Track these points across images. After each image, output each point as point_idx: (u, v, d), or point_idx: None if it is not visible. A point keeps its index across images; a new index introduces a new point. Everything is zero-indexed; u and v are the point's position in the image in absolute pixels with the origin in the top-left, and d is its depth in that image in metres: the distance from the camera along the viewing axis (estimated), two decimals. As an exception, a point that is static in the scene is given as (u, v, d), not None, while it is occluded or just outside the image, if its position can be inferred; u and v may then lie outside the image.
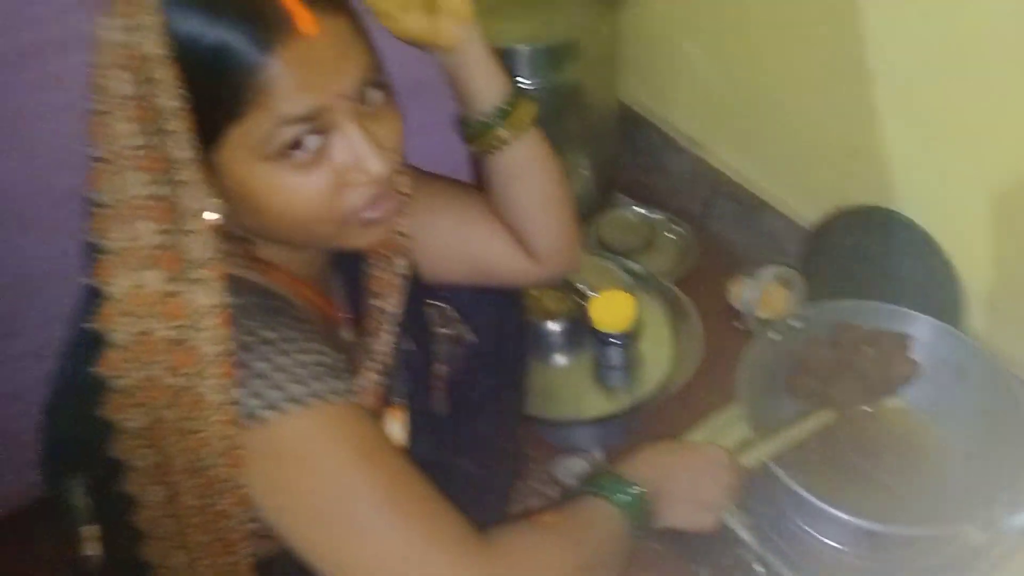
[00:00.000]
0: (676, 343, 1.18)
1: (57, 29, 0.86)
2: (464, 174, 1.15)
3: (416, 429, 0.75)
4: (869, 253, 1.18)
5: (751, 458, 0.83)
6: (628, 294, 1.12)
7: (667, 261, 1.43)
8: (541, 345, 1.20)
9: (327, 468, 0.57)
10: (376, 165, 0.59)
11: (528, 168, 0.78)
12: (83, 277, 0.59)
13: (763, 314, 1.17)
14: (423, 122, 0.80)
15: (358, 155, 0.59)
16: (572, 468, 1.14)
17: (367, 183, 0.60)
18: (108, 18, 0.55)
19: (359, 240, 0.65)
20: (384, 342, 0.70)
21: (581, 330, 1.17)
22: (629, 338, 1.13)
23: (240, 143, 0.57)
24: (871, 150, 1.16)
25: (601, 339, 1.13)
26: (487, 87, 0.73)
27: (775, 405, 0.96)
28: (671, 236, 1.48)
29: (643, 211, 1.50)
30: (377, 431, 0.62)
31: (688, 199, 1.54)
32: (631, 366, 1.16)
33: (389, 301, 0.71)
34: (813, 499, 0.82)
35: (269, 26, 0.54)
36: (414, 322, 0.78)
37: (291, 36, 0.55)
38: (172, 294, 0.56)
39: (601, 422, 1.14)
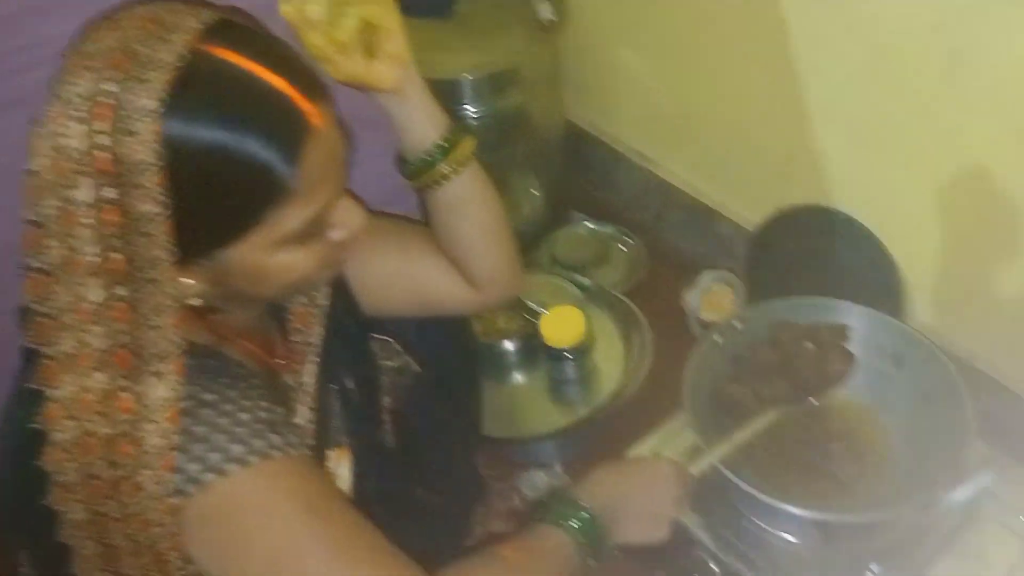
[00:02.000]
0: (628, 353, 1.20)
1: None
2: (408, 206, 1.17)
3: (364, 466, 0.77)
4: (811, 251, 1.21)
5: (700, 465, 0.84)
6: (577, 309, 1.15)
7: (621, 273, 1.45)
8: (497, 365, 1.22)
9: (272, 526, 0.58)
10: (361, 220, 0.64)
11: (468, 201, 0.80)
12: (27, 380, 0.60)
13: (712, 318, 1.19)
14: (367, 155, 0.83)
15: (348, 216, 0.64)
16: (536, 482, 1.15)
17: (349, 236, 0.65)
18: (78, 124, 0.54)
19: (322, 280, 0.69)
20: (310, 373, 0.72)
21: (535, 347, 1.19)
22: (581, 352, 1.15)
23: (262, 239, 0.59)
24: (807, 153, 1.20)
25: (553, 355, 1.15)
26: (427, 125, 0.75)
27: (720, 408, 0.98)
28: (624, 248, 1.51)
29: (595, 226, 1.52)
30: (322, 482, 0.63)
31: (640, 211, 1.57)
32: (585, 379, 1.19)
33: (312, 333, 0.73)
34: (763, 496, 0.84)
35: (288, 134, 0.57)
36: (357, 358, 0.80)
37: (306, 137, 0.58)
38: (121, 390, 0.57)
39: (559, 436, 1.16)
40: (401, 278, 0.82)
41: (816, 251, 1.21)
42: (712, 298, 1.23)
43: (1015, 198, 0.96)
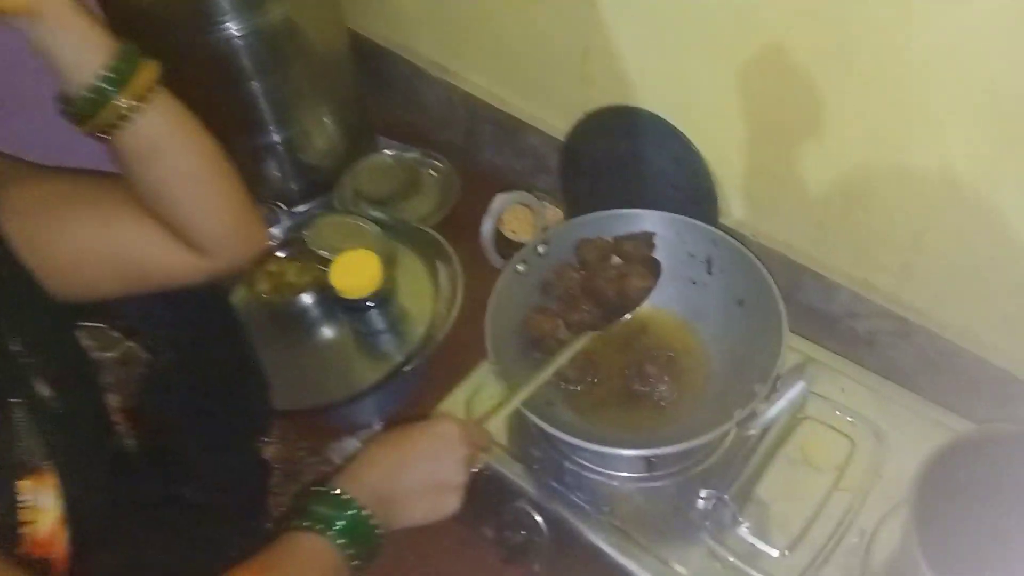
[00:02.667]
0: (437, 291, 1.09)
1: None
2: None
3: (81, 485, 0.62)
4: (620, 157, 1.12)
5: (498, 414, 0.74)
6: (369, 251, 1.01)
7: (433, 202, 1.33)
8: (295, 325, 1.08)
9: None
10: None
11: (164, 144, 0.64)
12: None
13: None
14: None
15: None
16: (347, 449, 1.04)
17: None
18: None
19: None
20: None
21: (334, 300, 1.06)
22: (383, 298, 1.03)
23: None
24: (604, 50, 1.09)
25: (351, 307, 1.02)
26: (83, 52, 0.59)
27: (530, 343, 0.89)
28: (434, 174, 1.38)
29: (400, 152, 1.38)
30: None
31: (448, 130, 1.44)
32: (394, 327, 1.06)
33: None
34: (573, 439, 0.76)
35: None
36: (54, 357, 0.64)
37: None
38: None
39: (376, 392, 1.04)
40: (100, 251, 0.66)
41: (626, 156, 1.12)
42: (517, 222, 1.13)
43: (812, 77, 0.89)
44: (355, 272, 1.00)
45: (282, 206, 1.28)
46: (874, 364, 1.02)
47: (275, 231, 1.14)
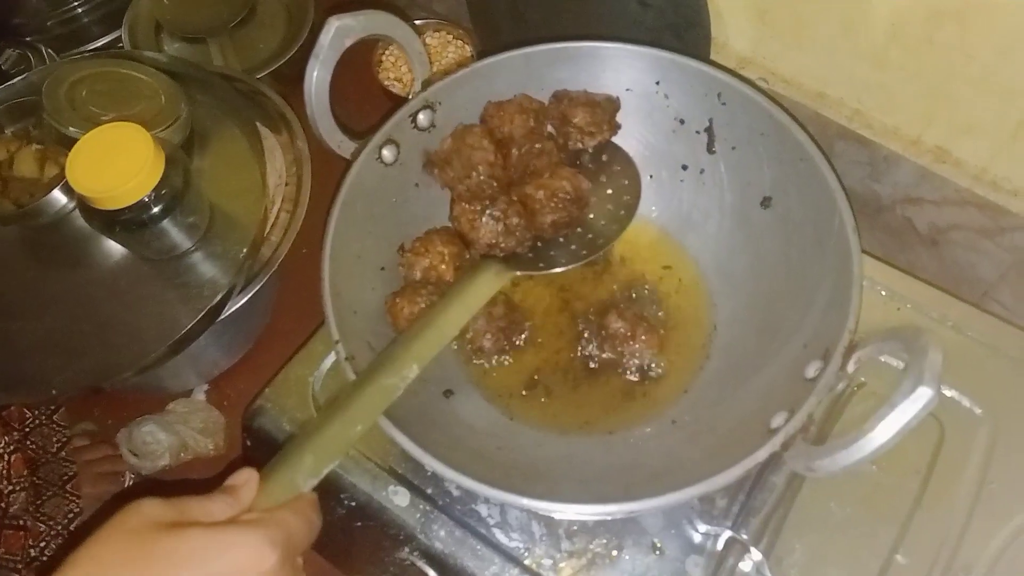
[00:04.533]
0: (264, 180, 0.69)
1: None
2: None
3: None
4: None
5: (337, 452, 0.39)
6: (135, 124, 0.59)
7: (274, 39, 0.89)
8: (45, 248, 0.68)
9: None
10: None
11: None
12: None
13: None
14: None
15: None
16: (143, 440, 0.67)
17: None
18: None
19: None
20: None
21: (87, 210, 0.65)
22: (171, 201, 0.62)
23: None
24: None
25: (113, 221, 0.61)
26: None
27: (407, 290, 0.51)
28: (279, -7, 0.93)
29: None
30: None
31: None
32: (206, 244, 0.67)
33: None
34: (481, 487, 0.41)
35: None
36: None
37: None
38: None
39: (192, 341, 0.66)
40: None
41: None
42: (405, 65, 0.72)
43: None
44: (112, 163, 0.59)
45: (42, 49, 0.83)
46: (934, 271, 0.70)
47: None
